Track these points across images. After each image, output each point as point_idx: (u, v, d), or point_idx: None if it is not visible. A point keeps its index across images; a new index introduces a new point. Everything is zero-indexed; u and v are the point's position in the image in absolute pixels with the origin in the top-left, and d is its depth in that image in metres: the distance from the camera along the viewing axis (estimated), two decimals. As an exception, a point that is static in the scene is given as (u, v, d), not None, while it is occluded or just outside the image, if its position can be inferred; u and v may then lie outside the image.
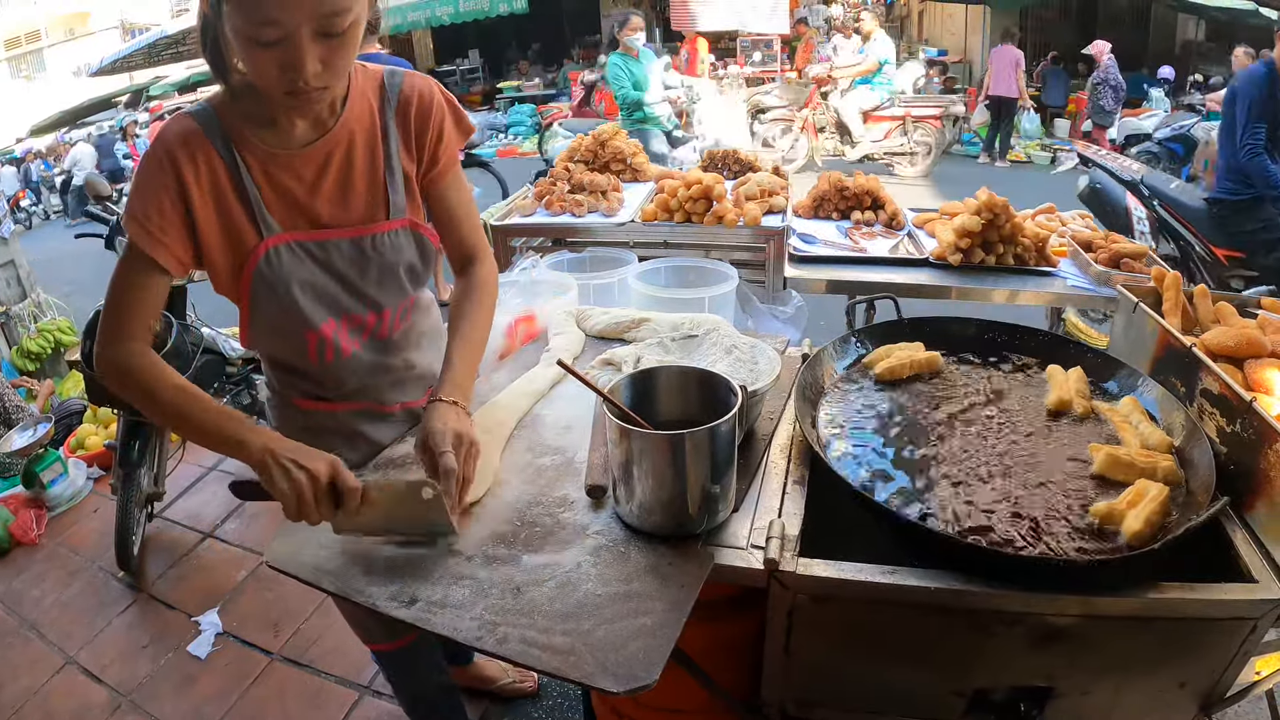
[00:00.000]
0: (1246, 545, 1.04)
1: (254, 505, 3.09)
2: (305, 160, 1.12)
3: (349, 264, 1.17)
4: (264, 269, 1.11)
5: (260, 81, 0.99)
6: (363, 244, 1.18)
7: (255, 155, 1.09)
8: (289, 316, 1.15)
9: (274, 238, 1.11)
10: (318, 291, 1.16)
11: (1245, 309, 1.52)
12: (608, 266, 2.17)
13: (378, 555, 1.03)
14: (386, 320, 1.27)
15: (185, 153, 1.05)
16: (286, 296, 1.13)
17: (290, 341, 1.20)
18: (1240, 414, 1.13)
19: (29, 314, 4.56)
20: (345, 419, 1.31)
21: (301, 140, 1.12)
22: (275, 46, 0.93)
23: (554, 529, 1.06)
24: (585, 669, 0.82)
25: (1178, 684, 1.04)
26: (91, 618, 2.53)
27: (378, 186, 1.18)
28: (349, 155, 1.15)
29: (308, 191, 1.13)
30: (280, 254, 1.12)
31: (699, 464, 0.99)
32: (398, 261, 1.21)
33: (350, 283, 1.19)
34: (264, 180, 1.10)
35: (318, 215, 1.14)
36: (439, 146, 1.23)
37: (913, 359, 1.39)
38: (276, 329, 1.18)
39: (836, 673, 1.12)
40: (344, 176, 1.15)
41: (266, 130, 1.10)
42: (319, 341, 1.20)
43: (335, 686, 2.18)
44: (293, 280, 1.13)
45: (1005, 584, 0.95)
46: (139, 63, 15.19)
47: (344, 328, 1.21)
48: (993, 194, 2.27)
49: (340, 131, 1.14)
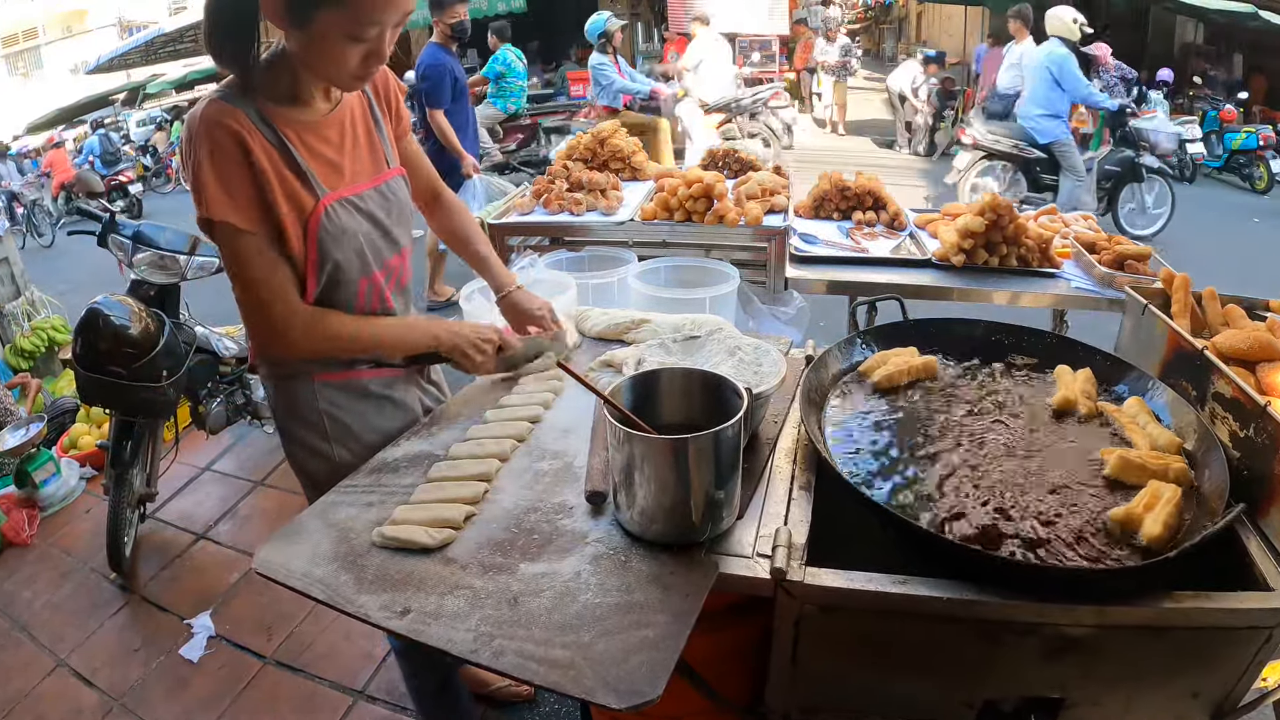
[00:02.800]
0: (1261, 553, 1.02)
1: (246, 506, 3.06)
2: (329, 125, 1.27)
3: (379, 209, 1.33)
4: (326, 224, 1.23)
5: (336, 70, 1.15)
6: (383, 190, 1.35)
7: (289, 127, 1.21)
8: (349, 266, 1.28)
9: (326, 197, 1.23)
10: (366, 239, 1.31)
11: (1254, 311, 1.50)
12: (607, 266, 2.15)
13: (369, 562, 1.00)
14: (405, 261, 1.44)
15: (242, 129, 1.13)
16: (352, 245, 1.27)
17: (350, 292, 1.31)
18: (1254, 418, 1.11)
19: (22, 312, 4.52)
20: (376, 385, 1.41)
21: (321, 111, 1.26)
22: (366, 42, 1.11)
23: (552, 536, 1.04)
24: (585, 684, 0.79)
25: (1190, 694, 1.02)
26: (83, 620, 2.50)
27: (376, 143, 1.36)
28: (353, 120, 1.32)
29: (337, 152, 1.27)
30: (336, 210, 1.25)
31: (703, 469, 0.96)
32: (406, 201, 1.41)
33: (383, 225, 1.34)
34: (303, 148, 1.22)
35: (347, 172, 1.29)
36: (399, 105, 1.44)
37: (910, 364, 1.36)
38: (340, 282, 1.29)
39: (843, 682, 1.09)
40: (356, 137, 1.32)
41: (290, 106, 1.22)
42: (369, 288, 1.33)
43: (329, 691, 2.15)
44: (352, 231, 1.27)
45: (1019, 593, 0.93)
46: (136, 60, 15.17)
47: (384, 275, 1.36)
48: (996, 195, 2.25)
49: (345, 100, 1.31)
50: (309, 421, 1.36)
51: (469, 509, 1.09)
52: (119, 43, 17.00)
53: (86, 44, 20.31)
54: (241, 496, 3.13)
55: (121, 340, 2.44)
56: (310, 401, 1.35)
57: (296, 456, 1.41)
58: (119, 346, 2.44)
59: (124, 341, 2.44)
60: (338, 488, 1.19)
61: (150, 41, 14.21)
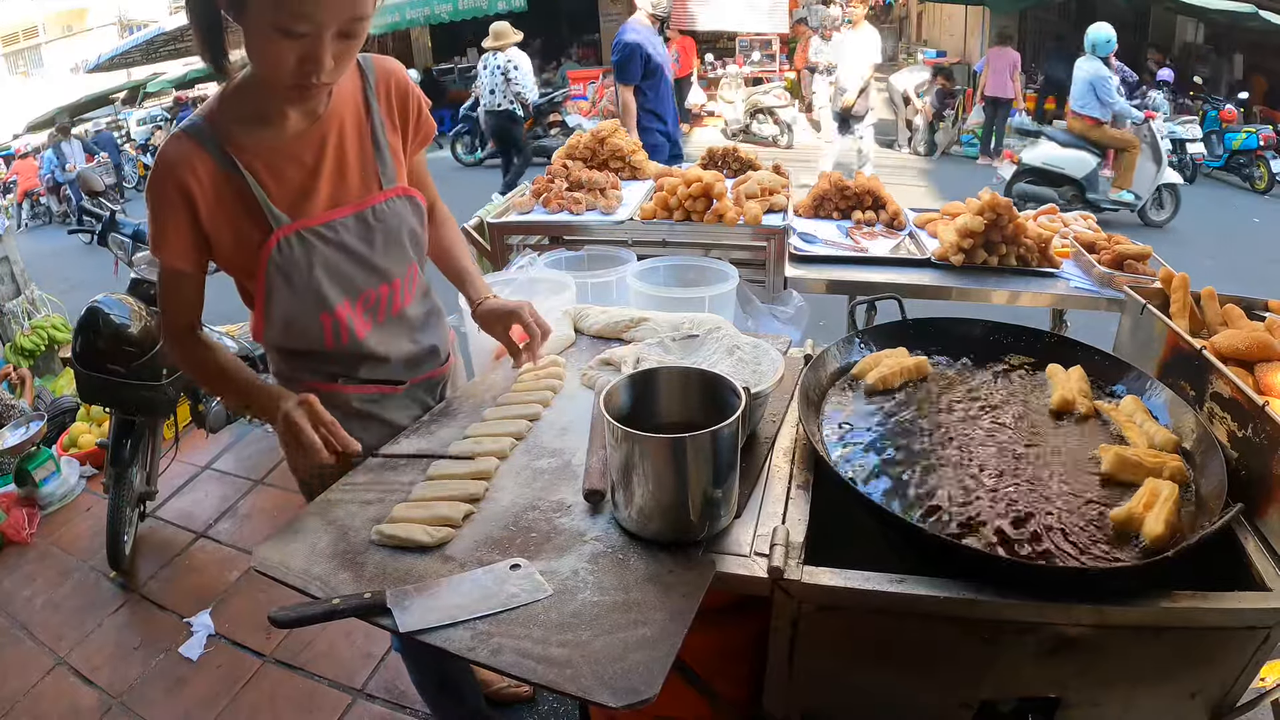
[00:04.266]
0: (1259, 553, 1.02)
1: (246, 504, 3.06)
2: (304, 145, 1.19)
3: (357, 238, 1.24)
4: (277, 258, 1.17)
5: (271, 71, 1.04)
6: (365, 216, 1.25)
7: (255, 153, 1.15)
8: (305, 302, 1.22)
9: (283, 229, 1.17)
10: (332, 272, 1.22)
11: (1253, 311, 1.50)
12: (606, 265, 2.15)
13: (368, 560, 1.00)
14: (398, 292, 1.33)
15: (186, 168, 1.11)
16: (302, 281, 1.20)
17: (307, 328, 1.25)
18: (1252, 418, 1.11)
19: (23, 311, 4.52)
20: (359, 401, 1.35)
21: (295, 129, 1.18)
22: (300, 39, 0.99)
23: (550, 535, 1.04)
24: (582, 682, 0.79)
25: (1188, 694, 1.02)
26: (82, 618, 2.50)
27: (368, 161, 1.25)
28: (341, 136, 1.22)
29: (310, 174, 1.19)
30: (291, 243, 1.18)
31: (701, 468, 0.96)
32: (400, 227, 1.29)
33: (360, 256, 1.25)
34: (267, 175, 1.16)
35: (322, 195, 1.21)
36: (420, 118, 1.34)
37: (902, 365, 1.36)
38: (293, 318, 1.23)
39: (841, 683, 1.09)
40: (339, 155, 1.22)
41: (262, 127, 1.15)
42: (334, 325, 1.26)
43: (328, 690, 2.15)
44: (306, 265, 1.20)
45: (1017, 593, 0.93)
46: (136, 59, 15.16)
47: (358, 309, 1.28)
48: (995, 194, 2.25)
49: (331, 115, 1.21)
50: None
51: (468, 507, 1.09)
52: (119, 41, 16.97)
53: (87, 43, 20.29)
54: (241, 495, 3.14)
55: (121, 339, 2.44)
56: None
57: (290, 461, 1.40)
58: (119, 345, 2.44)
59: (124, 340, 2.45)
60: (337, 485, 1.19)
61: (150, 40, 14.20)
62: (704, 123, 11.80)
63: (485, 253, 2.68)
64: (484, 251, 2.68)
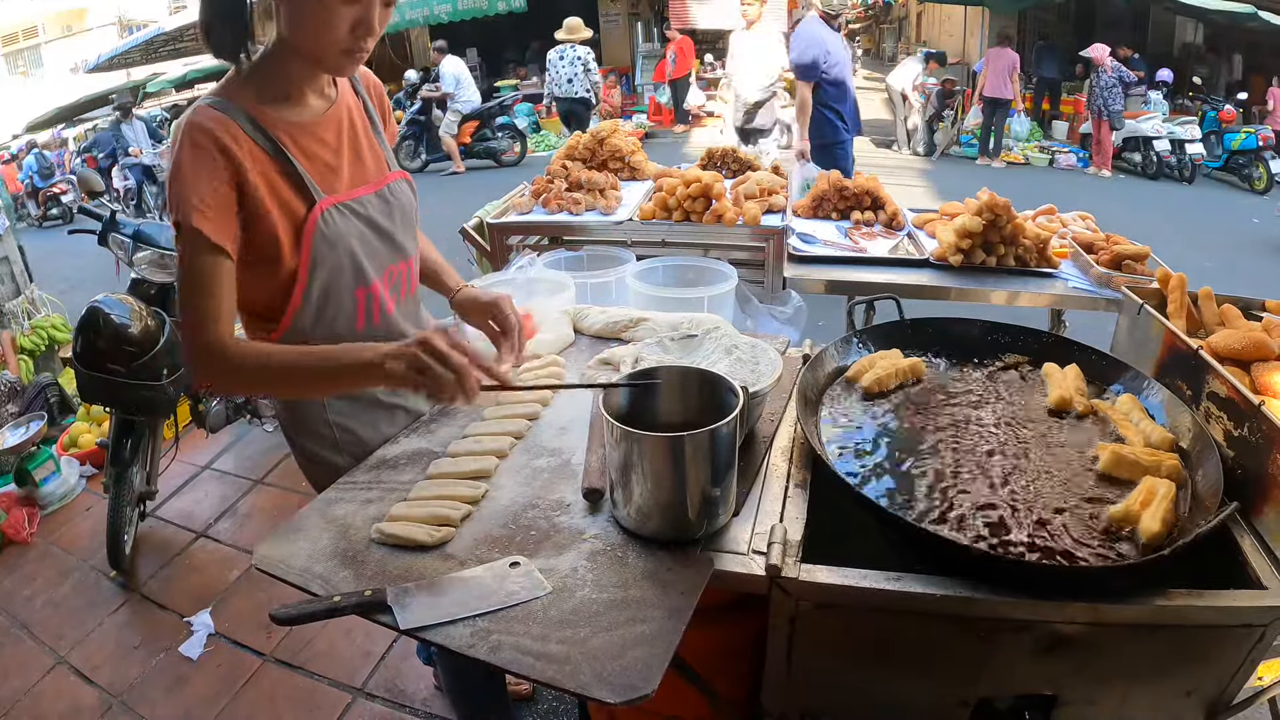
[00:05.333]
0: (1255, 551, 1.03)
1: (246, 504, 3.07)
2: (325, 126, 1.22)
3: (380, 213, 1.28)
4: (323, 229, 1.18)
5: (325, 37, 1.07)
6: (384, 194, 1.30)
7: (283, 129, 1.16)
8: (344, 275, 1.23)
9: (323, 202, 1.18)
10: (366, 246, 1.26)
11: (1250, 311, 1.50)
12: (605, 265, 2.16)
13: (368, 559, 1.01)
14: (412, 270, 1.39)
15: (227, 135, 1.08)
16: (346, 252, 1.22)
17: (342, 306, 1.25)
18: (1248, 418, 1.11)
19: (23, 310, 4.52)
20: (385, 394, 1.36)
21: (316, 111, 1.22)
22: (355, 3, 1.05)
23: (549, 533, 1.04)
24: (581, 679, 0.79)
25: (1184, 692, 1.02)
26: (83, 618, 2.51)
27: (375, 145, 1.32)
28: (351, 120, 1.27)
29: (334, 154, 1.22)
30: (333, 215, 1.20)
31: (699, 467, 0.97)
32: (410, 205, 1.36)
33: (384, 231, 1.29)
34: (298, 151, 1.17)
35: (345, 175, 1.24)
36: (388, 119, 1.41)
37: (897, 367, 1.37)
38: (332, 294, 1.23)
39: (839, 681, 1.10)
40: (354, 138, 1.27)
41: (283, 105, 1.17)
42: (367, 300, 1.28)
43: (328, 689, 2.16)
44: (347, 237, 1.22)
45: (1014, 591, 0.93)
46: (136, 59, 15.14)
47: (386, 285, 1.31)
48: (994, 194, 2.25)
49: (341, 100, 1.26)
50: (318, 434, 1.33)
51: (467, 506, 1.10)
52: (119, 41, 16.96)
53: (86, 43, 20.28)
54: (241, 495, 3.14)
55: (122, 338, 2.44)
56: (318, 414, 1.31)
57: (307, 469, 1.39)
58: (119, 345, 2.44)
59: (124, 340, 2.45)
60: (337, 484, 1.19)
61: (150, 40, 14.18)
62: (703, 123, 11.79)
63: (485, 253, 2.68)
64: (483, 252, 2.68)
